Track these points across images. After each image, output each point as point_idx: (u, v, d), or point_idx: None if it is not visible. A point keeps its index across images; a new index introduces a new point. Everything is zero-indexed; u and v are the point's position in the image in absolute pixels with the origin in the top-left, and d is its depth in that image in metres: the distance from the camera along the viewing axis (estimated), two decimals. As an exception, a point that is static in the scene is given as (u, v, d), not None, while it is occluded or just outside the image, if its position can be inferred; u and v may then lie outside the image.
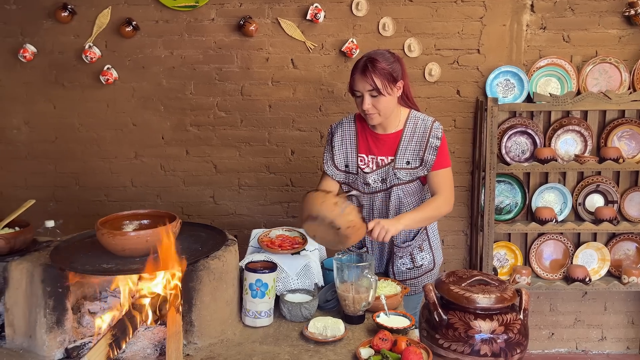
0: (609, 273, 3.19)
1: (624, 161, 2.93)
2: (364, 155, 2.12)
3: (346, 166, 2.15)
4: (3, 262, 1.74)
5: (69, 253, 1.72)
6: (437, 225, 2.31)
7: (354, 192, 2.05)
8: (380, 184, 2.11)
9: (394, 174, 2.08)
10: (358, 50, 3.04)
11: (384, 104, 1.98)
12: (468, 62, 3.09)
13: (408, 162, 2.07)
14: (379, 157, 2.10)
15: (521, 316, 1.62)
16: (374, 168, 2.10)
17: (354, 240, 1.83)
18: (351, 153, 2.13)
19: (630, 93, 2.90)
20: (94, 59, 3.05)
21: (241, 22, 3.02)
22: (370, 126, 2.11)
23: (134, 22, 3.03)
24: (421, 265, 2.22)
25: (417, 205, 2.16)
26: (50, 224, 2.07)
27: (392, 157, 2.08)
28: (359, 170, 2.12)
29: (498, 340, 1.55)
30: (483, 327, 1.56)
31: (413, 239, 2.19)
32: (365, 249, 2.26)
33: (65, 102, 3.16)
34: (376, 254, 2.23)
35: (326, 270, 2.08)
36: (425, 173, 2.08)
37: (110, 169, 3.23)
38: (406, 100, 2.12)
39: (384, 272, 2.26)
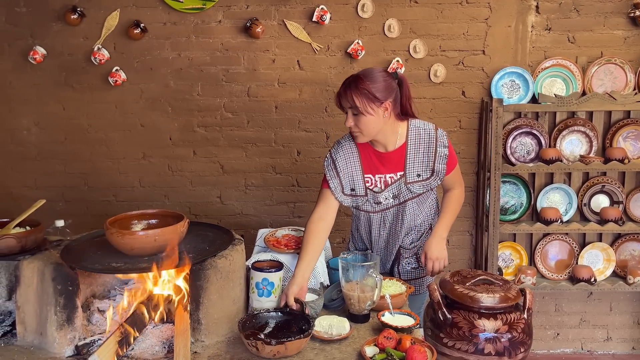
0: (615, 273, 3.19)
1: (629, 162, 2.93)
2: (370, 176, 2.05)
3: (352, 190, 2.06)
4: (15, 260, 1.77)
5: (79, 252, 1.76)
6: None
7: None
8: (392, 200, 2.07)
9: (407, 189, 2.04)
10: (364, 52, 3.06)
11: (364, 123, 1.91)
12: (473, 63, 3.10)
13: (419, 175, 2.03)
14: (387, 175, 2.04)
15: (525, 315, 1.63)
16: (383, 187, 2.05)
17: None
18: (357, 176, 2.05)
19: (636, 94, 2.90)
20: (102, 61, 3.08)
21: (248, 24, 3.05)
22: (371, 143, 2.04)
23: (142, 25, 3.06)
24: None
25: (429, 211, 2.20)
26: (60, 223, 2.10)
27: (402, 172, 2.03)
28: (368, 191, 2.06)
29: (502, 339, 1.57)
30: (487, 326, 1.57)
31: (419, 239, 2.21)
32: (369, 250, 2.28)
33: (74, 103, 3.20)
34: (381, 254, 2.24)
35: (332, 269, 2.11)
36: (439, 183, 2.08)
37: (118, 170, 3.27)
38: (405, 114, 2.03)
39: (389, 272, 2.28)
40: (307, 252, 1.92)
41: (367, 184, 2.05)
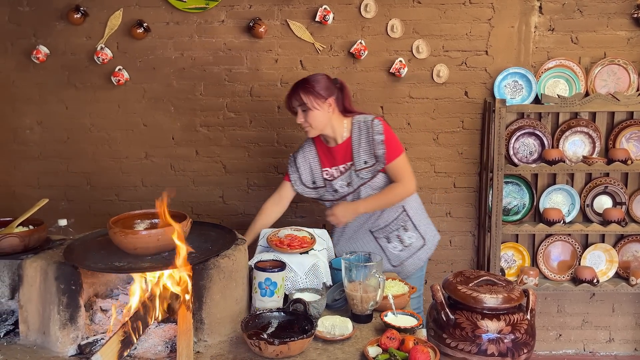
0: (617, 274, 3.18)
1: (632, 162, 2.93)
2: (327, 169, 2.37)
3: (313, 182, 2.40)
4: (18, 259, 1.77)
5: (82, 251, 1.75)
6: (420, 207, 2.44)
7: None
8: (346, 187, 2.34)
9: (357, 175, 2.30)
10: (366, 52, 3.06)
11: (313, 117, 2.25)
12: (476, 63, 3.10)
13: (366, 162, 2.29)
14: (341, 166, 2.34)
15: (528, 316, 1.63)
16: (337, 176, 2.35)
17: None
18: (316, 170, 2.40)
19: (639, 95, 2.90)
20: (105, 60, 3.08)
21: (250, 24, 3.05)
22: (324, 141, 2.37)
23: (145, 24, 3.06)
24: (410, 244, 2.37)
25: None
26: (63, 222, 2.11)
27: (351, 162, 2.32)
28: (326, 182, 2.37)
29: (505, 340, 1.56)
30: (490, 327, 1.57)
31: (391, 222, 2.35)
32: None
33: (77, 102, 3.20)
34: (360, 240, 2.41)
35: (334, 270, 2.11)
36: (383, 166, 2.28)
37: (120, 169, 3.27)
38: (348, 111, 2.36)
39: (387, 261, 2.38)
40: (253, 230, 2.37)
41: (325, 176, 2.37)
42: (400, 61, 3.05)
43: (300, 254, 2.06)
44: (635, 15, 2.98)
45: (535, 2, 3.03)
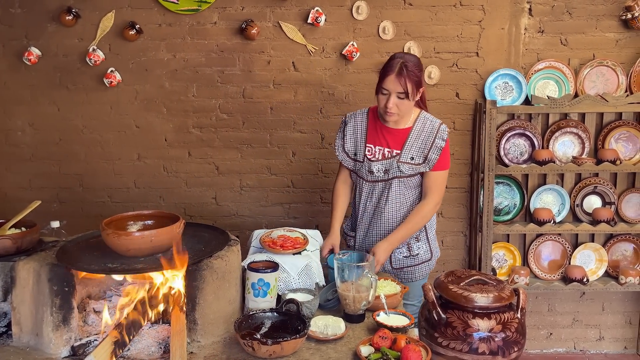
0: (607, 273, 3.22)
1: (621, 163, 2.97)
2: (371, 146, 2.26)
3: (355, 154, 2.30)
4: (10, 261, 1.77)
5: (75, 253, 1.76)
6: (435, 219, 2.42)
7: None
8: (382, 174, 2.25)
9: (397, 167, 2.21)
10: (359, 54, 3.07)
11: (406, 105, 2.15)
12: (467, 65, 3.12)
13: (412, 158, 2.21)
14: (386, 149, 2.24)
15: (518, 315, 1.65)
16: (380, 158, 2.25)
17: None
18: (361, 142, 2.29)
19: (627, 96, 2.94)
20: (97, 62, 3.08)
21: (243, 26, 3.06)
22: (381, 118, 2.26)
23: (137, 26, 3.07)
24: (417, 254, 2.32)
25: (415, 198, 2.30)
26: (55, 224, 2.11)
27: (398, 151, 2.22)
28: (365, 158, 2.27)
29: (496, 339, 1.58)
30: (481, 326, 1.59)
31: None
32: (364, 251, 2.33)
33: (69, 104, 3.19)
34: (366, 233, 2.37)
35: (330, 269, 2.11)
36: (427, 170, 2.23)
37: (113, 170, 3.27)
38: (420, 102, 2.29)
39: (389, 262, 2.34)
40: (337, 211, 2.36)
41: (367, 153, 2.27)
42: (392, 63, 3.07)
43: (293, 254, 2.07)
44: (624, 17, 3.01)
45: (525, 4, 3.06)
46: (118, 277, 1.84)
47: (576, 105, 2.94)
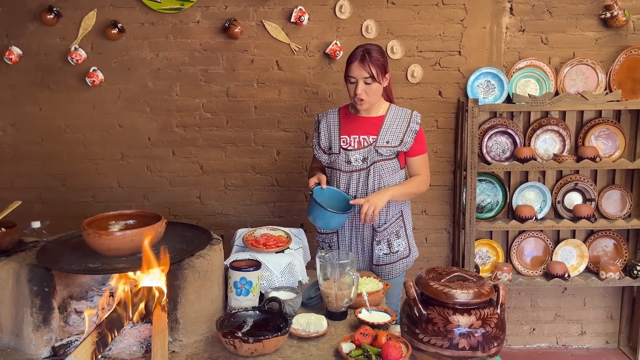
0: (588, 269, 3.27)
1: (600, 160, 3.01)
2: (346, 137, 2.32)
3: (329, 148, 2.35)
4: (-10, 262, 1.76)
5: (55, 253, 1.75)
6: (411, 216, 2.48)
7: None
8: (361, 162, 2.29)
9: (376, 151, 2.27)
10: (342, 52, 3.08)
11: (374, 90, 2.23)
12: (449, 63, 3.15)
13: (388, 142, 2.28)
14: (362, 136, 2.30)
15: (498, 311, 1.67)
16: (356, 147, 2.29)
17: None
18: (334, 136, 2.34)
19: (607, 94, 2.98)
20: (79, 61, 3.06)
21: (226, 25, 3.05)
22: (353, 112, 2.34)
23: (119, 25, 3.05)
24: (397, 251, 2.36)
25: (394, 185, 2.33)
26: (36, 224, 2.09)
27: (375, 137, 2.28)
28: (341, 150, 2.31)
29: (476, 334, 1.60)
30: (461, 322, 1.60)
31: (389, 225, 2.33)
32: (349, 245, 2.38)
33: (51, 104, 3.17)
34: (359, 243, 2.37)
35: (314, 202, 2.14)
36: (404, 150, 2.30)
37: (96, 170, 3.25)
38: (389, 93, 2.40)
39: (369, 258, 2.38)
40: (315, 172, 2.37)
41: (342, 143, 2.31)
42: (375, 61, 3.09)
43: (276, 253, 2.07)
44: (603, 16, 3.05)
45: (506, 3, 3.09)
46: (100, 277, 1.84)
47: (557, 104, 2.97)
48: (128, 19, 3.07)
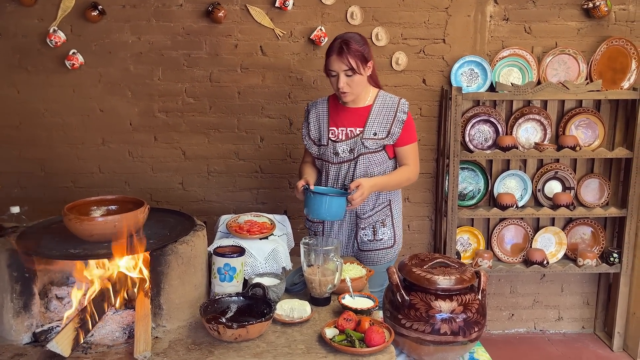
0: (566, 256, 3.33)
1: (580, 149, 3.05)
2: (334, 129, 2.30)
3: (319, 140, 2.33)
4: (-32, 248, 1.72)
5: (36, 238, 1.72)
6: (401, 207, 2.45)
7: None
8: (348, 153, 2.27)
9: (362, 143, 2.24)
10: (327, 39, 3.07)
11: (357, 82, 2.19)
12: (434, 51, 3.15)
13: (375, 134, 2.25)
14: (349, 129, 2.28)
15: (479, 296, 1.70)
16: (343, 138, 2.28)
17: None
18: (323, 127, 2.32)
19: (587, 83, 3.02)
20: (58, 43, 3.00)
21: (210, 9, 3.01)
22: (342, 103, 2.30)
23: (99, 7, 2.99)
24: (381, 239, 2.36)
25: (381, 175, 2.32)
26: (15, 210, 2.05)
27: (361, 129, 2.26)
28: (329, 141, 2.30)
29: (457, 320, 1.63)
30: (443, 307, 1.63)
31: (375, 213, 2.33)
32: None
33: (29, 87, 3.10)
34: (346, 229, 2.38)
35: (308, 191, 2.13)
36: (391, 143, 2.27)
37: (77, 155, 3.20)
38: (375, 79, 2.34)
39: (352, 244, 2.40)
40: (306, 171, 2.36)
41: (330, 135, 2.30)
42: (360, 48, 3.07)
43: (260, 239, 2.07)
44: (585, 7, 3.08)
45: (490, -9, 3.10)
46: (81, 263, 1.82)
47: (539, 93, 3.00)
48: (109, 1, 3.01)
